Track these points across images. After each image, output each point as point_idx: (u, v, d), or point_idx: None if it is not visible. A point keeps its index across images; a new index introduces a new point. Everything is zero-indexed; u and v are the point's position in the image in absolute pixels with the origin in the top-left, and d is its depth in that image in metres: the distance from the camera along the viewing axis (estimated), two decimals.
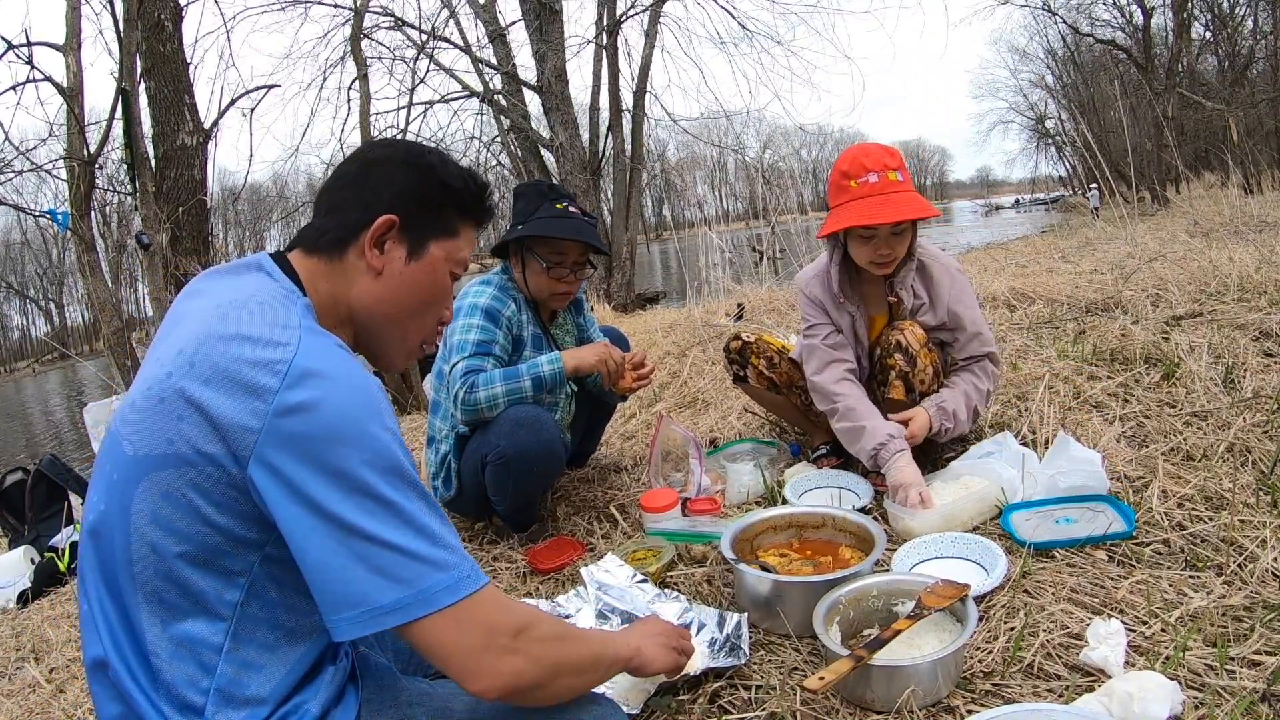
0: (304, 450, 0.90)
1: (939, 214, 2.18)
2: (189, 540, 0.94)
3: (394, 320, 1.15)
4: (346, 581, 0.91)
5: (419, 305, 1.17)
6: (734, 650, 1.55)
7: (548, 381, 2.21)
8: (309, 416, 0.90)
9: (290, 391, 0.91)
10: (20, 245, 47.76)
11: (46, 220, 4.20)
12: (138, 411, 0.97)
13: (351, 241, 1.11)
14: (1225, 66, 19.46)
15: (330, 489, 0.90)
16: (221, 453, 0.92)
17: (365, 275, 1.11)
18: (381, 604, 0.91)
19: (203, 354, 0.95)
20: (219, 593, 0.95)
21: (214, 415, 0.91)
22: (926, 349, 2.24)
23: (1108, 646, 1.36)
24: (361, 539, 0.91)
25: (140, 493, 0.94)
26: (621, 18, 10.37)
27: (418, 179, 1.13)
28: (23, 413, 21.99)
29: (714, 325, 5.25)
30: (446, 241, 1.16)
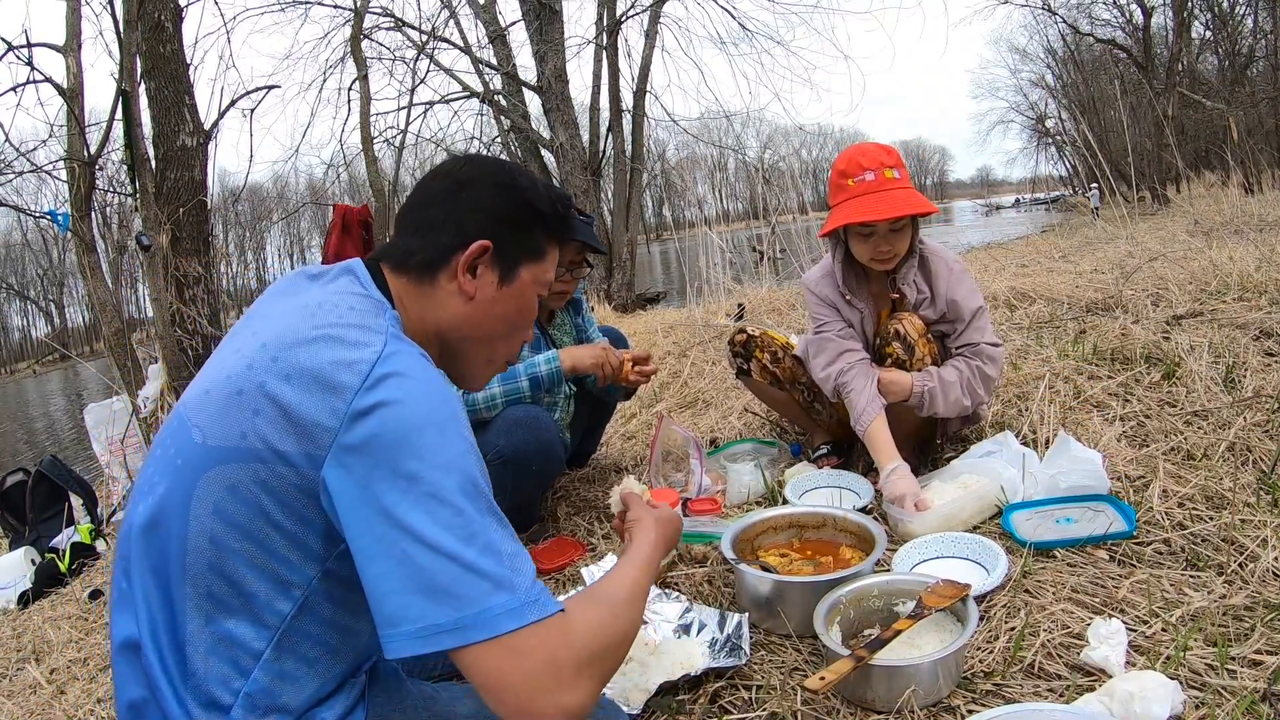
0: (377, 452, 0.88)
1: (936, 210, 2.19)
2: (250, 539, 0.92)
3: (483, 342, 1.16)
4: (405, 593, 0.86)
5: (508, 329, 1.18)
6: (735, 650, 1.55)
7: (545, 381, 2.21)
8: (385, 417, 0.89)
9: (369, 392, 0.90)
10: (21, 246, 47.82)
11: (47, 221, 4.20)
12: (213, 401, 0.96)
13: (443, 265, 1.10)
14: (1225, 66, 19.45)
15: (400, 493, 0.87)
16: (296, 452, 0.90)
17: (456, 298, 1.11)
18: (439, 622, 0.85)
19: (287, 351, 0.94)
20: (270, 600, 0.94)
21: (292, 412, 0.90)
22: (925, 339, 2.25)
23: (1108, 646, 1.36)
24: (427, 548, 0.86)
25: (206, 483, 0.93)
26: (621, 18, 10.37)
27: (509, 203, 1.13)
28: (23, 414, 22.00)
29: (714, 325, 5.25)
30: (535, 264, 1.17)
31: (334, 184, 12.15)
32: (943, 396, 2.18)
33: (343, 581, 0.95)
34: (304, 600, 0.95)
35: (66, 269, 43.25)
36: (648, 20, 10.63)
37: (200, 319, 3.57)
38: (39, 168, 4.48)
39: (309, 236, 64.12)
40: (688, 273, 7.43)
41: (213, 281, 3.74)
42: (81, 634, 2.53)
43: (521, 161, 10.34)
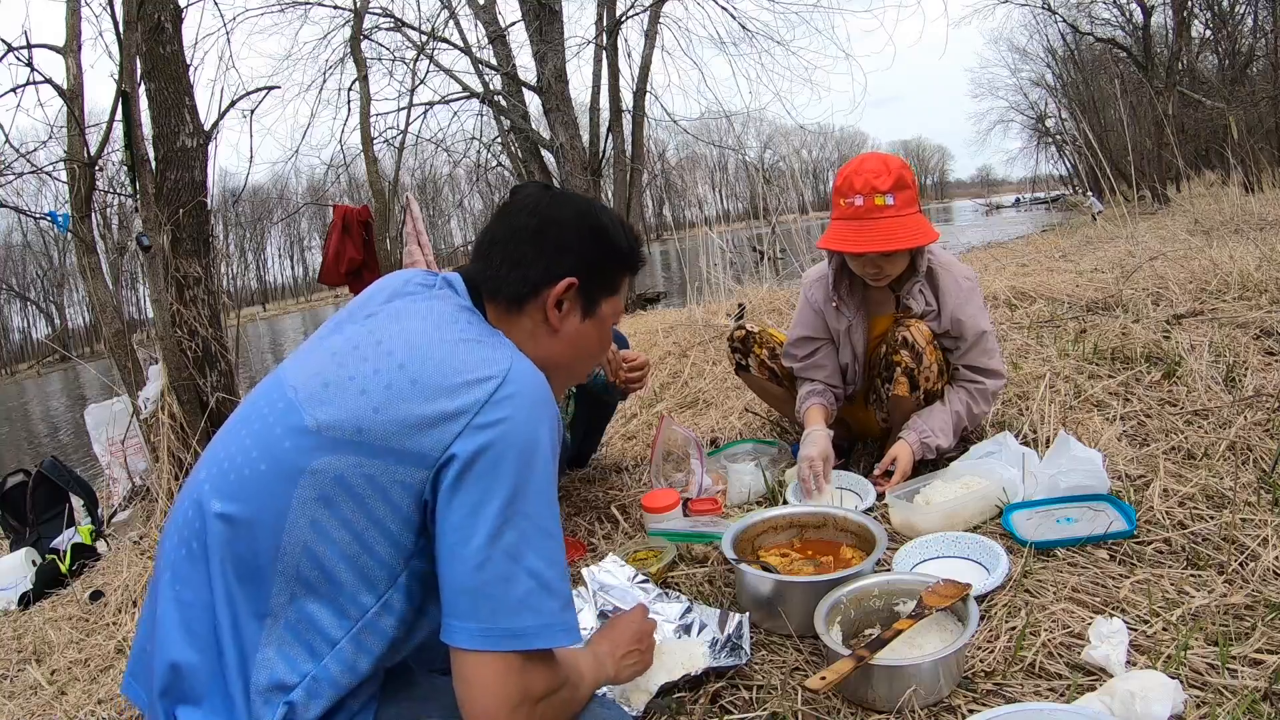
0: (489, 463, 0.95)
1: (924, 243, 2.14)
2: (349, 529, 0.97)
3: (563, 369, 1.24)
4: (486, 596, 0.94)
5: (589, 358, 1.28)
6: (735, 650, 1.55)
7: None
8: (502, 433, 0.96)
9: (493, 408, 0.97)
10: (21, 247, 47.82)
11: (47, 222, 4.20)
12: (333, 394, 1.00)
13: (531, 298, 1.17)
14: (1225, 65, 19.43)
15: (502, 505, 0.95)
16: (413, 451, 0.96)
17: (542, 330, 1.19)
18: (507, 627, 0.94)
19: (416, 357, 1.01)
20: (355, 592, 0.98)
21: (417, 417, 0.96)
22: (932, 346, 2.25)
23: (1109, 645, 1.36)
24: (509, 561, 0.95)
25: (316, 469, 0.97)
26: (621, 18, 10.37)
27: (594, 243, 1.20)
28: (24, 415, 22.00)
29: (715, 325, 5.24)
30: (612, 299, 1.25)
31: (334, 184, 12.15)
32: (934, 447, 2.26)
33: (420, 578, 1.01)
34: (386, 597, 1.00)
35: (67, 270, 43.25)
36: (648, 20, 10.63)
37: (200, 320, 3.57)
38: (39, 169, 4.47)
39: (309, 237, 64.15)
40: (688, 273, 7.42)
41: (213, 282, 3.74)
42: (82, 635, 2.53)
43: (522, 161, 10.36)
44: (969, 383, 2.30)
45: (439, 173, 14.30)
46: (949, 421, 2.26)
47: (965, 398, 2.29)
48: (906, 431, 2.26)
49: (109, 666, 2.23)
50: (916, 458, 2.23)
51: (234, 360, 3.82)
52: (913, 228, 2.11)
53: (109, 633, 2.49)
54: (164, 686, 1.00)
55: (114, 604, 2.68)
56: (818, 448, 2.23)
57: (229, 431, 1.09)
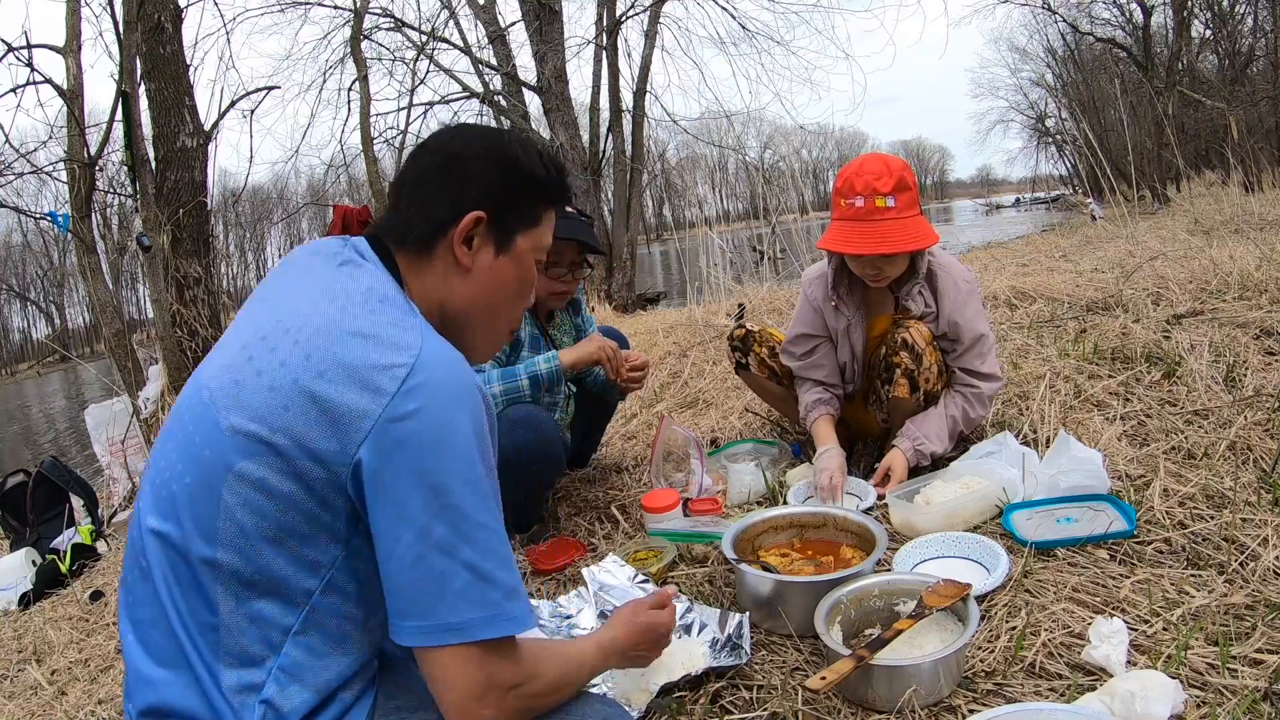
0: (406, 459, 0.92)
1: (924, 246, 2.15)
2: (280, 526, 0.95)
3: (484, 314, 1.17)
4: (423, 593, 0.93)
5: (508, 299, 1.18)
6: (735, 650, 1.55)
7: (545, 380, 2.21)
8: (416, 425, 0.92)
9: (403, 399, 0.92)
10: (21, 247, 47.80)
11: (47, 222, 4.20)
12: (244, 393, 0.97)
13: (439, 238, 1.11)
14: (1225, 64, 19.43)
15: (426, 501, 0.92)
16: (327, 449, 0.93)
17: (454, 272, 1.12)
18: (452, 621, 0.93)
19: (321, 348, 0.96)
20: (298, 580, 0.96)
21: (326, 410, 0.93)
22: (932, 346, 2.25)
23: (1109, 645, 1.36)
24: (444, 555, 0.93)
25: (236, 474, 0.94)
26: (621, 18, 10.37)
27: (504, 174, 1.13)
28: (24, 415, 22.00)
29: (715, 325, 5.24)
30: (531, 232, 1.17)
31: (334, 184, 12.16)
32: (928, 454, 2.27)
33: (365, 557, 0.99)
34: (330, 578, 0.98)
35: (67, 270, 43.24)
36: (648, 20, 10.64)
37: (200, 320, 3.57)
38: (39, 169, 4.48)
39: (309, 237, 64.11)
40: (688, 273, 7.42)
41: (213, 282, 3.74)
42: (82, 635, 2.53)
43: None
44: (965, 387, 2.31)
45: None
46: (944, 427, 2.27)
47: (962, 403, 2.30)
48: (901, 439, 2.26)
49: (109, 667, 2.23)
50: (911, 465, 2.24)
51: None
52: (913, 230, 2.11)
53: (109, 633, 2.49)
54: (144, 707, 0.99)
55: (114, 604, 2.68)
56: (835, 462, 2.25)
57: (160, 444, 1.06)
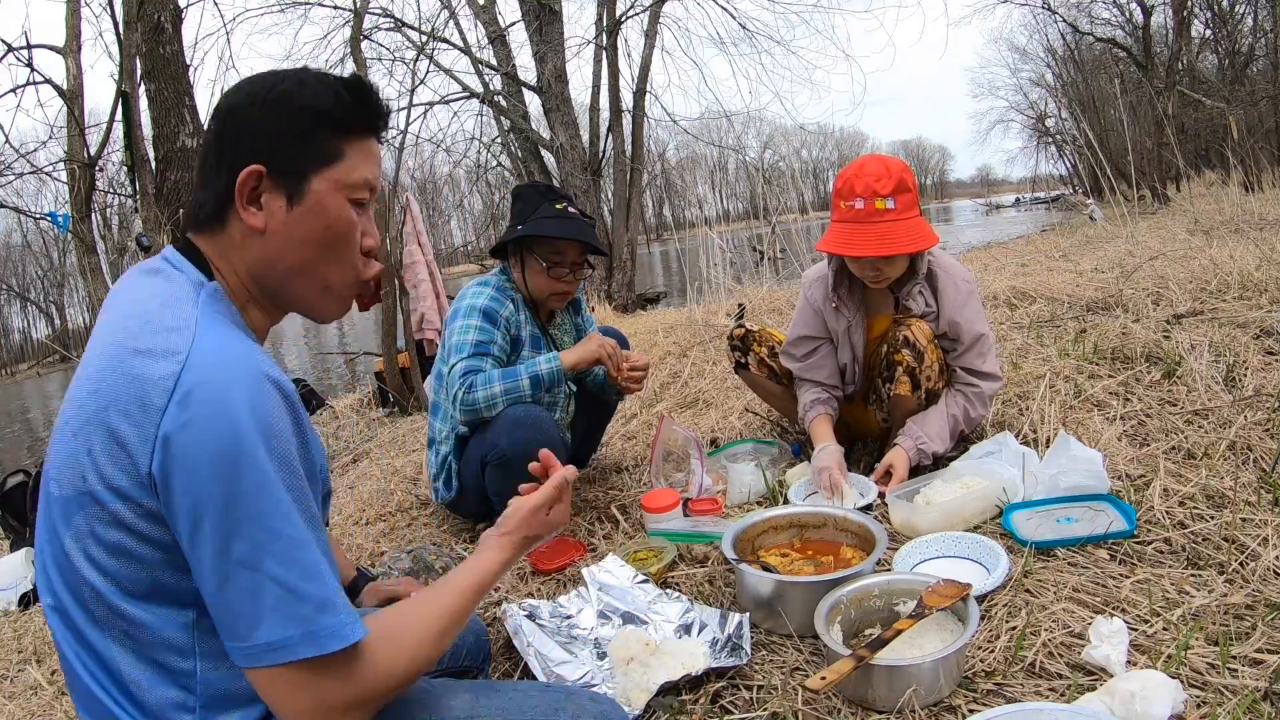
0: (189, 474, 0.84)
1: (924, 248, 2.15)
2: (129, 578, 0.89)
3: (300, 272, 1.04)
4: (235, 614, 0.86)
5: (320, 250, 1.03)
6: (735, 650, 1.55)
7: (546, 380, 2.21)
8: (191, 437, 0.84)
9: (177, 409, 0.85)
10: (21, 248, 47.78)
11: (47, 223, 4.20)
12: (60, 446, 0.91)
13: (228, 208, 1.00)
14: (1225, 64, 19.43)
15: (218, 516, 0.85)
16: (130, 484, 0.86)
17: (251, 238, 1.01)
18: (266, 640, 0.86)
19: (105, 377, 0.89)
20: (172, 618, 0.91)
21: (118, 444, 0.86)
22: (933, 345, 2.26)
23: (1109, 645, 1.36)
24: (249, 571, 0.85)
25: (72, 535, 0.89)
26: (621, 18, 10.36)
27: (276, 115, 0.99)
28: (24, 415, 22.00)
29: (715, 325, 5.24)
30: (329, 170, 1.02)
31: None
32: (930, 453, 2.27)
33: None
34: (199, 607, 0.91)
35: (67, 270, 43.24)
36: (647, 20, 10.63)
37: None
38: (39, 169, 4.48)
39: None
40: (688, 273, 7.43)
41: None
42: None
43: (521, 161, 10.35)
44: (966, 386, 2.31)
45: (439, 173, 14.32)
46: (945, 426, 2.27)
47: (963, 402, 2.30)
48: (902, 438, 2.26)
49: None
50: (912, 463, 2.24)
51: None
52: (913, 231, 2.12)
53: None
54: None
55: None
56: (834, 459, 2.25)
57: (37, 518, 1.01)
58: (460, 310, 2.30)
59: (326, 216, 1.02)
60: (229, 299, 1.00)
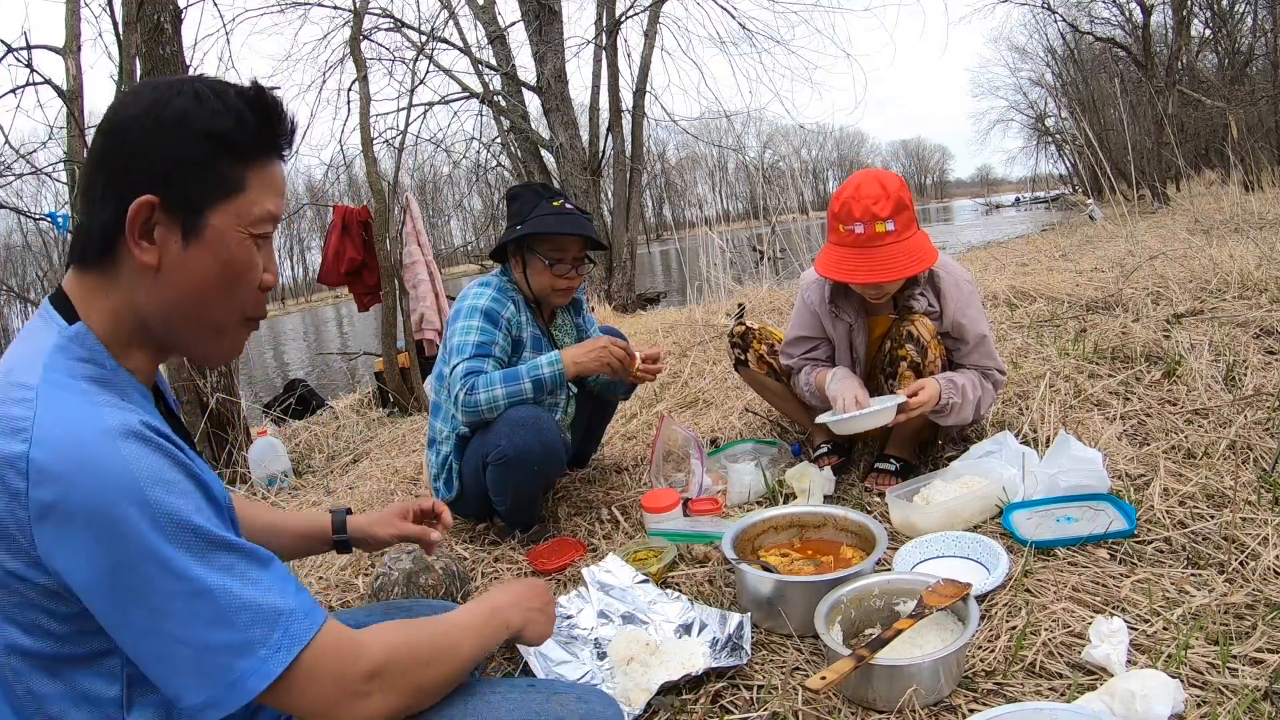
0: (70, 554, 0.80)
1: (925, 269, 2.16)
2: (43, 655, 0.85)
3: (191, 315, 0.94)
4: (160, 678, 0.83)
5: (215, 291, 0.94)
6: (736, 650, 1.55)
7: (548, 383, 2.21)
8: (60, 517, 0.79)
9: (38, 489, 0.79)
10: (20, 248, 47.77)
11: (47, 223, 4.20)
12: None
13: (117, 240, 0.89)
14: (1225, 64, 19.42)
15: (110, 591, 0.80)
16: (19, 565, 0.81)
17: (143, 276, 0.91)
18: (194, 702, 0.83)
19: None
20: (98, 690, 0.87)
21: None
22: (936, 340, 2.26)
23: (1110, 645, 1.36)
24: (160, 637, 0.82)
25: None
26: (621, 18, 10.36)
27: (169, 139, 0.88)
28: None
29: (715, 325, 5.24)
30: (229, 204, 0.92)
31: (334, 185, 12.14)
32: (959, 412, 2.22)
33: None
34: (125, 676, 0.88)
35: None
36: (647, 20, 10.62)
37: None
38: (39, 170, 4.48)
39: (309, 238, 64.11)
40: (688, 273, 7.43)
41: None
42: None
43: (521, 162, 10.35)
44: (976, 368, 2.30)
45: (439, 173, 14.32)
46: (968, 381, 2.23)
47: (976, 376, 2.28)
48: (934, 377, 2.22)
49: None
50: (942, 399, 2.16)
51: (234, 361, 3.82)
52: (915, 252, 2.11)
53: None
54: None
55: None
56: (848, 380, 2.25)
57: None
58: (461, 311, 2.30)
59: (223, 256, 0.93)
60: (94, 343, 0.91)
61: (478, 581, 2.11)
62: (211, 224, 0.91)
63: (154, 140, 0.88)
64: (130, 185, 0.88)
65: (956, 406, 2.20)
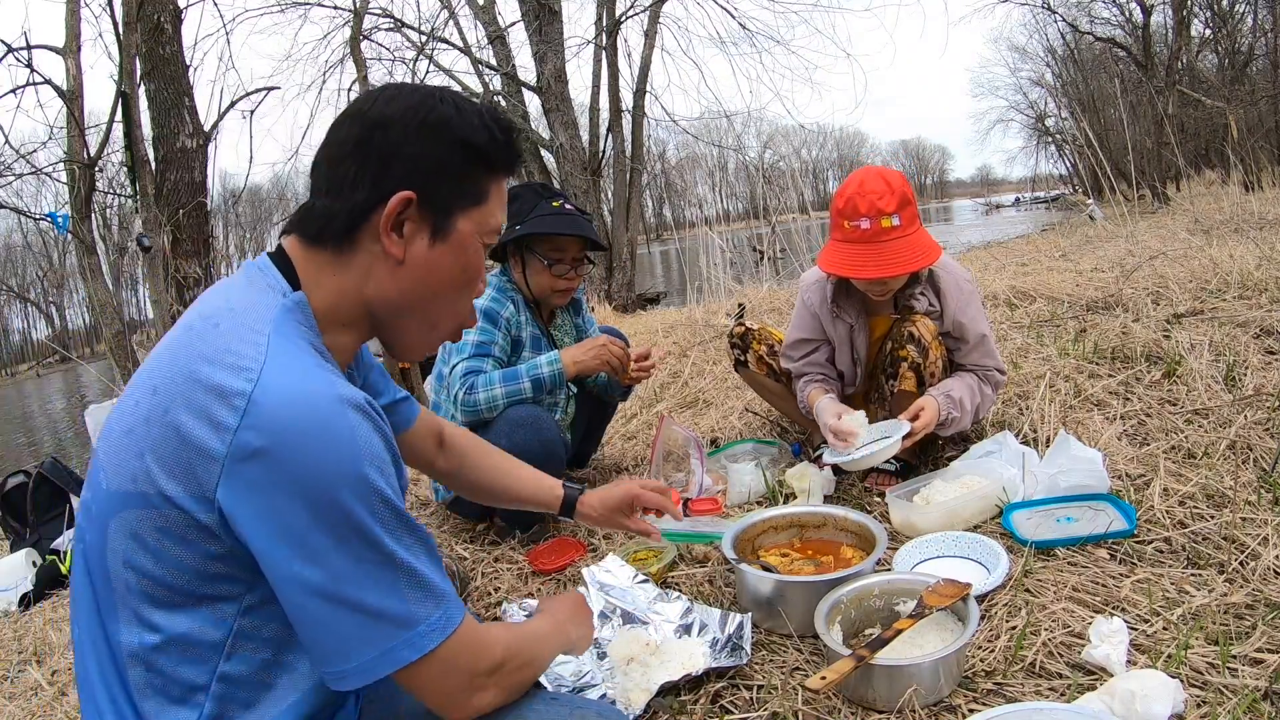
0: (261, 502, 0.81)
1: (931, 263, 2.16)
2: (164, 584, 0.86)
3: (422, 310, 1.01)
4: (314, 638, 0.86)
5: (450, 291, 1.01)
6: (736, 650, 1.55)
7: (547, 383, 2.21)
8: (267, 464, 0.81)
9: (248, 432, 0.80)
10: (21, 248, 47.80)
11: (47, 223, 4.21)
12: (111, 441, 0.89)
13: (362, 226, 0.95)
14: (1225, 64, 19.42)
15: (291, 546, 0.82)
16: (181, 494, 0.83)
17: (383, 265, 0.96)
18: (342, 667, 0.86)
19: (167, 380, 0.86)
20: (202, 633, 0.88)
21: (175, 453, 0.83)
22: (937, 340, 2.26)
23: (1110, 645, 1.36)
24: (330, 600, 0.84)
25: (113, 531, 0.86)
26: (621, 18, 10.36)
27: (433, 143, 0.95)
28: (24, 416, 22.01)
29: (715, 325, 5.24)
30: (474, 211, 1.00)
31: None
32: (958, 424, 2.25)
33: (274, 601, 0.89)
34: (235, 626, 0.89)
35: (67, 271, 43.27)
36: (647, 20, 10.63)
37: None
38: (39, 170, 4.48)
39: None
40: (688, 273, 7.43)
41: (213, 283, 3.74)
42: None
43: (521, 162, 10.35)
44: (976, 368, 2.31)
45: None
46: (966, 391, 2.23)
47: (974, 380, 2.29)
48: (932, 390, 2.23)
49: None
50: (942, 415, 2.17)
51: None
52: (920, 247, 2.12)
53: None
54: None
55: None
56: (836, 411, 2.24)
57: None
58: None
59: (464, 258, 1.00)
60: (311, 316, 0.95)
61: (478, 581, 2.11)
62: (458, 228, 0.99)
63: (417, 141, 0.94)
64: (389, 178, 0.93)
65: (956, 420, 2.22)
